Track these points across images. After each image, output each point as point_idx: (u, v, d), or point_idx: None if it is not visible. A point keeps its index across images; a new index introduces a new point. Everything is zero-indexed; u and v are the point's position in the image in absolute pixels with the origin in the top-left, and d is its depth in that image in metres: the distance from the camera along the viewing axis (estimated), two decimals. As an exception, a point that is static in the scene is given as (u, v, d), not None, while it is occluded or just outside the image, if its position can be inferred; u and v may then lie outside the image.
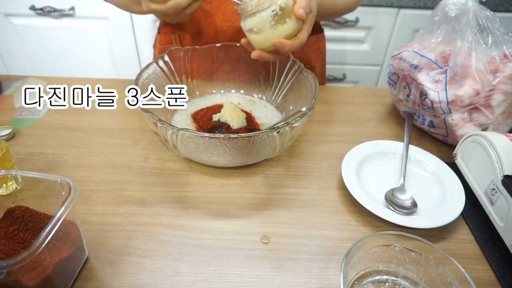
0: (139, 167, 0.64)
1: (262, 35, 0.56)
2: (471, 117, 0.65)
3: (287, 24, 0.55)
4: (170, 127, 0.53)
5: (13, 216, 0.46)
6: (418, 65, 0.69)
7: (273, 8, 0.53)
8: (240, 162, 0.61)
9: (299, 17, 0.54)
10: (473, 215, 0.57)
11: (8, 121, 0.74)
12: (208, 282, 0.47)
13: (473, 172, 0.60)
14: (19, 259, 0.35)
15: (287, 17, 0.55)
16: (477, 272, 0.49)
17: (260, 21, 0.55)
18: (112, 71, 1.63)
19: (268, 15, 0.54)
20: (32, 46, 1.56)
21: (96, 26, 1.50)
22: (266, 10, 0.54)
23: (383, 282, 0.47)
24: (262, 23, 0.55)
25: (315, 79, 0.65)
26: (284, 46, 0.55)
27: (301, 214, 0.57)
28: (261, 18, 0.54)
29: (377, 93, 0.88)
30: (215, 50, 0.76)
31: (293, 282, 0.47)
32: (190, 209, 0.57)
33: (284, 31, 0.55)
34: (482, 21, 0.63)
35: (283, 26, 0.55)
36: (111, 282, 0.46)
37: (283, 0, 0.54)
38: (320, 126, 0.76)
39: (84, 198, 0.58)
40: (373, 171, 0.63)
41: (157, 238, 0.52)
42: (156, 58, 0.72)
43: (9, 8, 1.46)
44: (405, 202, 0.56)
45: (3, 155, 0.55)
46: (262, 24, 0.55)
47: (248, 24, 0.56)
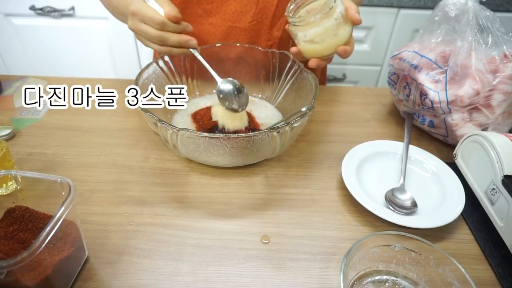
0: (139, 167, 0.64)
1: (323, 44, 0.56)
2: (471, 117, 0.65)
3: (345, 30, 0.55)
4: (170, 127, 0.53)
5: (13, 216, 0.46)
6: (418, 65, 0.69)
7: (336, 16, 0.53)
8: (240, 162, 0.61)
9: (357, 22, 0.55)
10: (473, 215, 0.57)
11: (8, 121, 0.74)
12: (208, 282, 0.47)
13: (473, 172, 0.60)
14: (19, 259, 0.35)
15: (345, 23, 0.55)
16: (477, 272, 0.49)
17: (324, 31, 0.54)
18: (112, 71, 1.63)
19: (332, 24, 0.54)
20: (32, 46, 1.56)
21: (96, 26, 1.50)
22: (330, 19, 0.54)
23: (383, 282, 0.46)
24: (326, 32, 0.54)
25: (315, 79, 0.65)
26: (347, 53, 0.56)
27: (301, 214, 0.57)
28: (325, 28, 0.54)
29: (377, 93, 0.88)
30: (215, 50, 0.76)
31: (293, 282, 0.47)
32: (190, 209, 0.57)
33: (344, 38, 0.56)
34: (482, 21, 0.63)
35: (343, 32, 0.55)
36: (111, 282, 0.46)
37: (340, 7, 0.54)
38: (320, 126, 0.76)
39: (84, 198, 0.58)
40: (373, 171, 0.63)
41: (157, 238, 0.52)
42: (156, 58, 0.72)
43: (9, 8, 1.46)
44: (405, 202, 0.56)
45: (3, 155, 0.55)
46: (325, 34, 0.55)
47: (309, 35, 0.55)
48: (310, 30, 0.55)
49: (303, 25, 0.56)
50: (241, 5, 0.78)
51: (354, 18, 0.55)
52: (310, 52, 0.59)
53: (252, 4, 0.78)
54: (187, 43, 0.63)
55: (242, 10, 0.79)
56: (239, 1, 0.78)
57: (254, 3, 0.78)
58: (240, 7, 0.79)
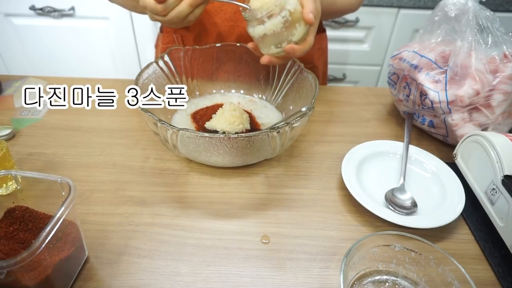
0: (139, 167, 0.64)
1: (269, 41, 0.55)
2: (471, 117, 0.65)
3: (296, 29, 0.54)
4: (170, 127, 0.53)
5: (13, 216, 0.46)
6: (418, 65, 0.69)
7: (283, 14, 0.52)
8: (240, 162, 0.61)
9: (309, 21, 0.53)
10: (473, 215, 0.57)
11: (8, 121, 0.74)
12: (208, 282, 0.47)
13: (473, 172, 0.60)
14: (19, 259, 0.35)
15: (297, 22, 0.54)
16: (477, 272, 0.49)
17: (270, 27, 0.53)
18: (112, 71, 1.63)
19: (279, 21, 0.53)
20: (32, 46, 1.56)
21: (96, 26, 1.50)
22: (277, 17, 0.53)
23: (383, 282, 0.47)
24: (272, 30, 0.54)
25: (315, 79, 0.65)
26: (295, 51, 0.55)
27: (301, 214, 0.57)
28: (272, 25, 0.53)
29: (377, 93, 0.88)
30: (215, 50, 0.76)
31: (293, 282, 0.47)
32: (190, 209, 0.57)
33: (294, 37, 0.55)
34: (482, 21, 0.63)
35: (293, 31, 0.54)
36: (111, 282, 0.46)
37: (292, 5, 0.53)
38: (320, 126, 0.76)
39: (84, 198, 0.58)
40: (373, 171, 0.63)
41: (157, 238, 0.52)
42: (156, 58, 0.72)
43: (9, 8, 1.46)
44: (405, 202, 0.56)
45: (3, 155, 0.55)
46: (272, 32, 0.54)
47: (257, 31, 0.55)
48: (258, 26, 0.54)
49: (251, 20, 0.55)
50: None
51: (306, 17, 0.53)
52: (262, 48, 0.58)
53: None
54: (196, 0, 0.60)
55: None
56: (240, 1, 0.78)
57: None
58: None
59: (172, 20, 0.61)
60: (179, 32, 0.86)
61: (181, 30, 0.86)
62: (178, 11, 0.60)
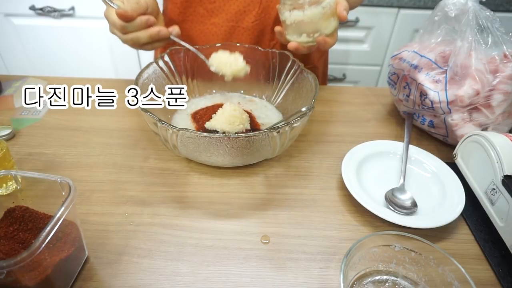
0: (139, 167, 0.64)
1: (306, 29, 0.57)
2: (471, 117, 0.65)
3: (330, 22, 0.56)
4: (170, 127, 0.53)
5: (13, 216, 0.46)
6: (418, 65, 0.69)
7: (323, 5, 0.54)
8: (240, 162, 0.61)
9: (343, 18, 0.56)
10: (473, 215, 0.57)
11: (8, 121, 0.74)
12: (208, 282, 0.47)
13: (473, 172, 0.60)
14: (19, 259, 0.35)
15: (332, 16, 0.56)
16: (477, 272, 0.49)
17: (309, 15, 0.55)
18: (112, 71, 1.63)
19: (319, 11, 0.55)
20: (32, 46, 1.56)
21: (96, 26, 1.49)
22: (317, 6, 0.54)
23: (383, 282, 0.47)
24: (310, 18, 0.55)
25: (315, 79, 0.65)
26: (326, 43, 0.57)
27: (301, 214, 0.57)
28: (311, 13, 0.55)
29: (377, 93, 0.88)
30: (215, 50, 0.76)
31: (293, 282, 0.47)
32: (190, 209, 0.57)
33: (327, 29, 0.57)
34: (482, 21, 0.63)
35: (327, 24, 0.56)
36: (111, 282, 0.46)
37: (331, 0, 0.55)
38: (320, 126, 0.76)
39: (84, 198, 0.58)
40: (373, 171, 0.63)
41: (157, 238, 0.52)
42: (156, 58, 0.72)
43: (9, 8, 1.46)
44: (405, 202, 0.56)
45: (3, 155, 0.55)
46: (310, 19, 0.55)
47: (294, 16, 0.56)
48: (296, 11, 0.56)
49: (291, 5, 0.56)
50: (244, 4, 0.78)
51: (341, 14, 0.56)
52: (292, 34, 0.59)
53: (255, 3, 0.78)
54: (158, 35, 0.62)
55: (245, 9, 0.79)
56: (242, 1, 0.78)
57: (257, 2, 0.78)
58: (243, 6, 0.78)
59: (127, 42, 0.62)
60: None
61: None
62: (136, 36, 0.61)
